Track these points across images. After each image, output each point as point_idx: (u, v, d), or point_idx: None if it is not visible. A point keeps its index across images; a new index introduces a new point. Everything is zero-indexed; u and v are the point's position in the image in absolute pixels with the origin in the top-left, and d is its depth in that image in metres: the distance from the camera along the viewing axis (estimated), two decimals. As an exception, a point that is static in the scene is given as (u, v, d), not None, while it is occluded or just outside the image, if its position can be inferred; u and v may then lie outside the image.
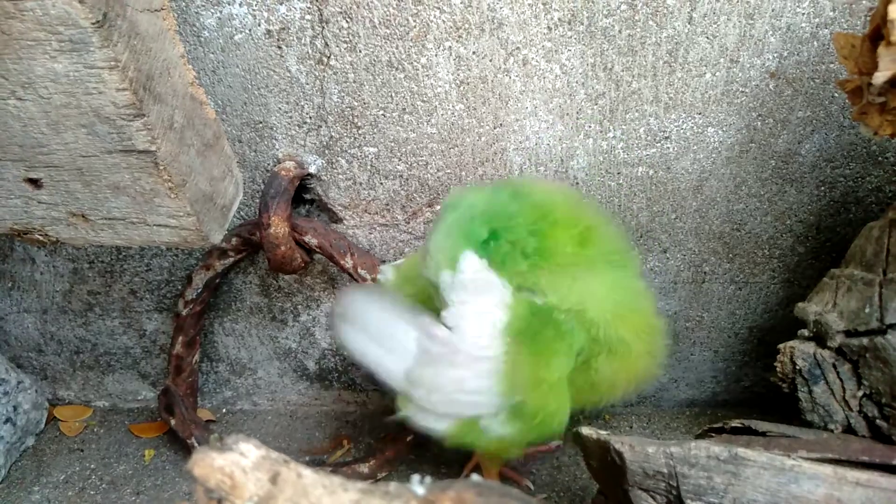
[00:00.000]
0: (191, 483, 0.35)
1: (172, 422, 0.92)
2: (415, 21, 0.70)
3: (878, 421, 0.59)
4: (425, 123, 0.76)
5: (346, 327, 0.66)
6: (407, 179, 0.81)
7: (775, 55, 0.71)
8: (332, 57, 0.73)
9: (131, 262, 0.91)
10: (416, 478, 0.33)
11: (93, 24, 0.50)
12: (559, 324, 0.59)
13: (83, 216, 0.65)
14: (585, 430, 0.64)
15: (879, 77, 0.46)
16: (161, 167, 0.58)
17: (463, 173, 0.79)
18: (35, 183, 0.63)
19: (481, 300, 0.59)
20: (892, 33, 0.43)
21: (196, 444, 0.90)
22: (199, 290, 0.87)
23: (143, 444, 0.98)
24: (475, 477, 0.33)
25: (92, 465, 0.94)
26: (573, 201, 0.64)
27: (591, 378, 0.62)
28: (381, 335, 0.64)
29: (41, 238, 0.68)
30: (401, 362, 0.62)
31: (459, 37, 0.71)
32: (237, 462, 0.34)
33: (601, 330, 0.60)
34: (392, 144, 0.78)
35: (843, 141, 0.75)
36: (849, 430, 0.61)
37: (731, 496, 0.53)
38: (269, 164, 0.81)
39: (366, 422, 0.99)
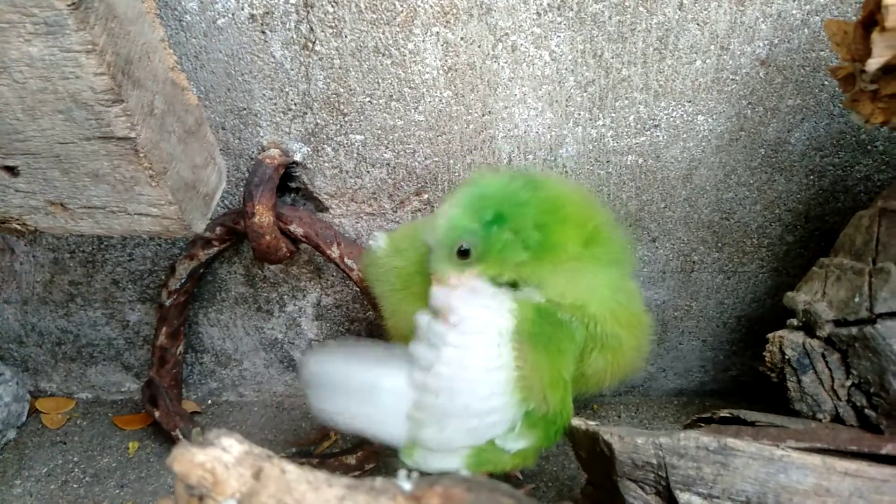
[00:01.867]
0: (175, 478, 0.34)
1: (157, 414, 0.91)
2: (402, 6, 0.69)
3: (866, 410, 0.59)
4: (413, 110, 0.75)
5: (318, 394, 0.61)
6: (394, 168, 0.79)
7: (766, 42, 0.70)
8: (317, 42, 0.72)
9: (113, 251, 0.89)
10: (402, 472, 0.32)
11: (68, 5, 0.49)
12: (565, 323, 0.58)
13: (62, 205, 0.63)
14: (574, 422, 0.63)
15: (873, 63, 0.45)
16: (141, 154, 0.56)
17: (451, 161, 0.78)
18: (11, 171, 0.61)
19: (482, 312, 0.57)
20: (886, 19, 0.43)
21: (181, 436, 0.89)
22: (182, 281, 0.85)
23: (127, 436, 0.96)
24: (463, 471, 0.33)
25: (75, 458, 0.93)
26: (585, 200, 0.63)
27: (581, 370, 0.61)
28: (362, 391, 0.59)
29: (19, 227, 0.66)
30: (395, 412, 0.58)
31: (447, 22, 0.70)
32: (219, 457, 0.33)
33: (598, 326, 0.59)
34: (379, 132, 0.77)
35: (833, 129, 0.75)
36: (837, 419, 0.61)
37: (720, 486, 0.53)
38: (253, 152, 0.79)
39: (353, 412, 0.99)
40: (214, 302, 0.93)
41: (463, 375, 0.56)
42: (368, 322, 0.92)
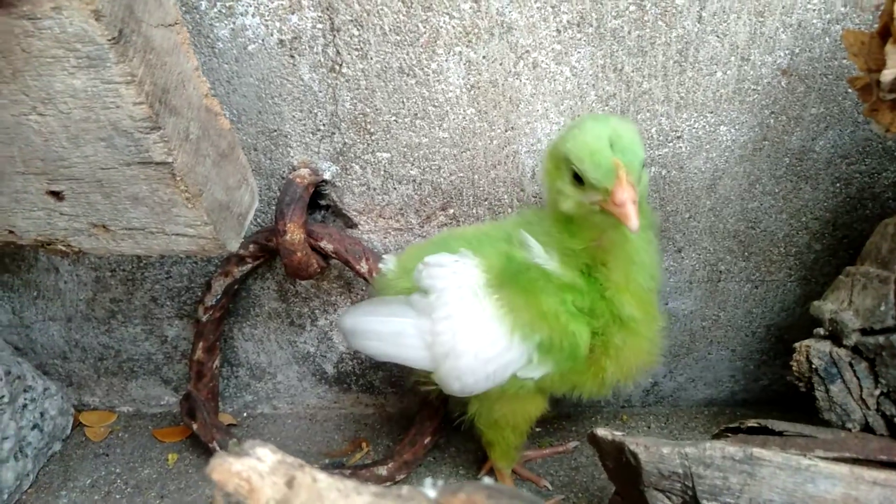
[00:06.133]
0: (213, 487, 0.36)
1: (195, 426, 0.93)
2: (424, 27, 0.71)
3: None
4: (437, 128, 0.77)
5: (357, 341, 0.74)
6: (420, 184, 0.81)
7: (787, 52, 0.71)
8: (343, 65, 0.74)
9: (152, 270, 0.92)
10: (428, 481, 0.34)
11: (109, 40, 0.51)
12: (534, 265, 0.65)
13: (104, 227, 0.66)
14: (601, 432, 0.64)
15: (888, 75, 0.45)
16: (178, 178, 0.59)
17: (475, 177, 0.80)
18: (57, 195, 0.65)
19: (452, 280, 0.66)
20: (899, 31, 0.43)
21: (218, 448, 0.92)
22: (218, 297, 0.88)
23: (167, 448, 0.99)
24: (487, 479, 0.34)
25: (117, 470, 0.96)
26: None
27: (610, 355, 0.66)
28: (389, 336, 0.71)
29: (64, 249, 0.70)
30: (416, 350, 0.69)
31: (469, 42, 0.71)
32: (254, 467, 0.35)
33: (616, 303, 0.64)
34: (405, 150, 0.79)
35: (858, 137, 0.75)
36: (867, 428, 0.61)
37: (746, 496, 0.53)
38: (284, 172, 0.82)
39: (384, 424, 1.00)
40: (249, 317, 0.96)
41: (460, 338, 0.65)
42: (398, 335, 0.94)
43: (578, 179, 0.57)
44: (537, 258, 0.65)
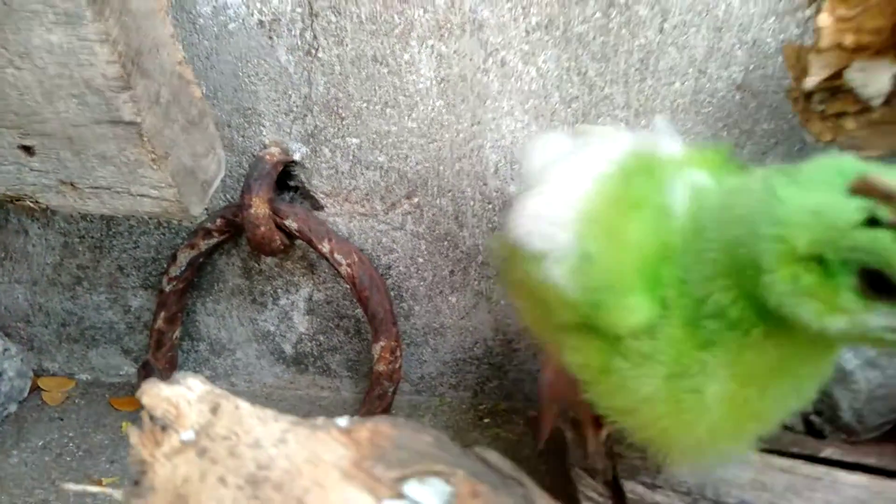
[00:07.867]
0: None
1: (150, 395, 0.94)
2: (400, 19, 0.74)
3: (811, 416, 0.61)
4: (406, 118, 0.80)
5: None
6: (387, 171, 0.84)
7: (741, 68, 0.74)
8: (320, 49, 0.77)
9: (120, 238, 0.94)
10: (343, 418, 0.36)
11: (87, -2, 0.54)
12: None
13: (72, 184, 0.68)
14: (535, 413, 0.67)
15: (809, 82, 0.49)
16: (145, 139, 0.61)
17: (441, 167, 0.83)
18: (28, 150, 0.67)
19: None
20: (820, 40, 0.46)
21: (171, 418, 0.93)
22: (182, 269, 0.90)
23: (122, 416, 1.00)
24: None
25: (70, 434, 0.97)
26: None
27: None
28: None
29: (31, 205, 0.71)
30: None
31: (441, 36, 0.74)
32: (183, 395, 0.37)
33: None
34: (374, 136, 0.81)
35: (806, 153, 0.78)
36: (785, 427, 0.64)
37: (663, 477, 0.56)
38: (256, 150, 0.84)
39: (338, 408, 1.02)
40: (212, 292, 0.97)
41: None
42: (356, 319, 0.96)
43: (876, 288, 0.36)
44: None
